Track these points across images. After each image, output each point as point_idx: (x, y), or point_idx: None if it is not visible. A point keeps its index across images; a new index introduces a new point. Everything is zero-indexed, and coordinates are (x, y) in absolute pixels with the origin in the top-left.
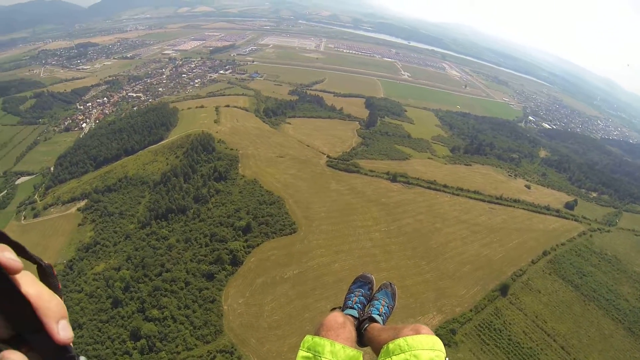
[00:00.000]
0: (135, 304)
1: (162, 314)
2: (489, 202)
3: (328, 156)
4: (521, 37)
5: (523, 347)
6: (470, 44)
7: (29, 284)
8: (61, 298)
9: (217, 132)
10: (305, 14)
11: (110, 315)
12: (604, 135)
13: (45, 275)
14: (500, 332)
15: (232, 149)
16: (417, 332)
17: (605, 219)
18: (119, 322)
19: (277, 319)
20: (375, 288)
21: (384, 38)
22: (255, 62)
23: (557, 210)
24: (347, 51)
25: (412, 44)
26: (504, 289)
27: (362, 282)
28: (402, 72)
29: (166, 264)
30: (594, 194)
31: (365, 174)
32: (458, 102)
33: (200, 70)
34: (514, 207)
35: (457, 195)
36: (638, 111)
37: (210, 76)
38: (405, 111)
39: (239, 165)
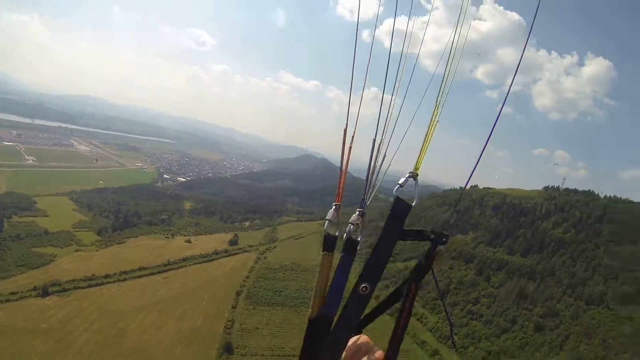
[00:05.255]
0: None
1: None
2: (160, 272)
3: None
4: (147, 103)
5: None
6: (99, 115)
7: None
8: None
9: None
10: None
11: None
12: (232, 173)
13: None
14: None
15: None
16: None
17: (267, 238)
18: None
19: None
20: None
21: (4, 118)
22: None
23: (225, 251)
24: None
25: (37, 121)
26: (227, 347)
27: None
28: (27, 156)
29: None
30: (247, 223)
31: (8, 301)
32: (92, 179)
33: None
34: (186, 266)
35: (124, 280)
36: (254, 146)
37: None
38: (36, 203)
39: None
